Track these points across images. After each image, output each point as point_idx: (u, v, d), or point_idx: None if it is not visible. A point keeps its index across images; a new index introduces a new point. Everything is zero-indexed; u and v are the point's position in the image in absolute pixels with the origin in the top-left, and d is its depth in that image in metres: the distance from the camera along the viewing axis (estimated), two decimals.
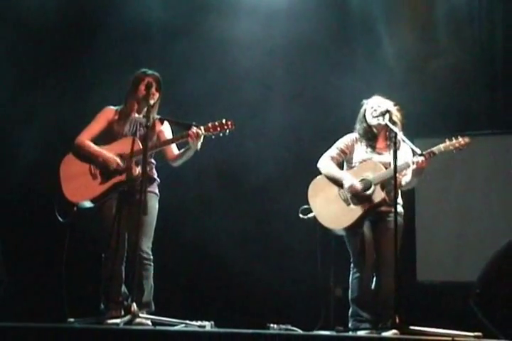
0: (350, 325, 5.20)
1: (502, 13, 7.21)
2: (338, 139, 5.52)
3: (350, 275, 5.31)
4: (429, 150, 5.07)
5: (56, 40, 7.53)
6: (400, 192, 5.32)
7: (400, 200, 5.33)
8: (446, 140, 5.11)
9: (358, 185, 5.22)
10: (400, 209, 5.29)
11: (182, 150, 5.26)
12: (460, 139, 5.09)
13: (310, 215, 5.41)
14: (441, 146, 5.10)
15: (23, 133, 7.19)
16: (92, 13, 7.65)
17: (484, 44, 7.24)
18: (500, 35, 7.21)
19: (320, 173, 5.46)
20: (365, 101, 5.48)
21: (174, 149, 5.31)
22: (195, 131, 5.01)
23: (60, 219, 5.04)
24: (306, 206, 5.42)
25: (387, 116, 5.22)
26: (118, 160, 5.08)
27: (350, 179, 5.26)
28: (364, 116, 5.42)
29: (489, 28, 7.24)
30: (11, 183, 7.15)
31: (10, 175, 7.18)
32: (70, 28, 7.56)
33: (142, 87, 5.18)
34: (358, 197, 5.23)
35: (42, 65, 7.48)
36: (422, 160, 5.03)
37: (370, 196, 5.19)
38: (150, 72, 5.28)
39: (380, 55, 7.23)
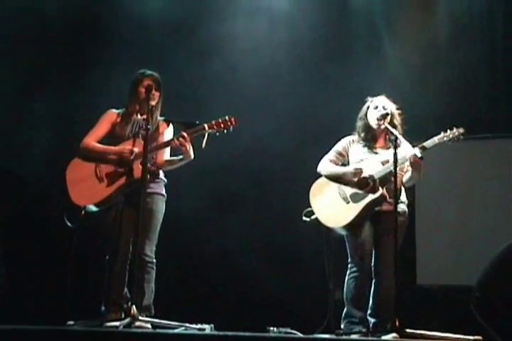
0: (342, 326, 5.19)
1: (503, 16, 7.22)
2: (337, 139, 5.54)
3: (347, 276, 5.29)
4: (420, 145, 5.09)
5: (60, 40, 7.55)
6: (403, 190, 5.33)
7: (404, 199, 5.33)
8: (442, 132, 5.12)
9: (361, 171, 5.22)
10: (403, 207, 5.29)
11: (174, 158, 5.27)
12: (454, 130, 5.10)
13: (313, 217, 5.40)
14: (436, 138, 5.11)
15: (29, 135, 7.20)
16: (94, 13, 7.67)
17: (485, 47, 7.25)
18: (500, 38, 7.22)
19: (320, 177, 5.46)
20: (369, 99, 5.47)
21: (166, 154, 5.29)
22: (181, 140, 5.01)
23: (68, 224, 5.03)
24: (309, 209, 5.43)
25: (388, 119, 5.24)
26: (131, 147, 5.07)
27: (351, 166, 5.29)
28: (366, 114, 5.43)
29: (490, 31, 7.24)
30: (15, 185, 7.16)
31: (15, 177, 7.18)
32: (73, 29, 7.58)
33: (141, 89, 5.19)
34: (357, 194, 5.23)
35: (45, 67, 7.48)
36: (412, 156, 5.04)
37: (367, 193, 5.20)
38: (148, 72, 5.27)
39: (381, 58, 7.23)
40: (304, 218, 5.44)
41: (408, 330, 4.45)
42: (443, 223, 7.05)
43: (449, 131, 5.11)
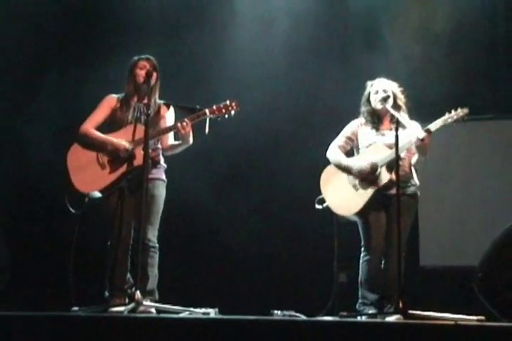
0: (357, 306, 5.25)
1: (504, 3, 7.20)
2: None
3: (361, 259, 5.33)
4: (425, 128, 5.09)
5: (60, 29, 7.55)
6: (414, 172, 5.33)
7: (415, 181, 5.33)
8: (446, 113, 5.12)
9: (367, 168, 5.23)
10: (414, 190, 5.30)
11: (175, 143, 5.28)
12: (459, 110, 5.10)
13: (325, 205, 5.41)
14: (440, 120, 5.11)
15: (28, 123, 7.21)
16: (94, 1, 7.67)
17: (486, 28, 7.22)
18: (501, 19, 7.19)
19: (329, 163, 5.48)
20: (369, 83, 5.47)
21: (170, 138, 5.32)
22: (183, 124, 5.02)
23: (71, 210, 5.04)
24: (321, 196, 5.44)
25: (389, 100, 5.23)
26: (126, 144, 5.08)
27: (358, 164, 5.28)
28: (368, 99, 5.43)
29: (490, 13, 7.21)
30: (18, 172, 7.18)
31: (17, 165, 7.20)
32: (73, 17, 7.59)
33: (138, 71, 5.21)
34: (366, 181, 5.24)
35: (46, 55, 7.49)
36: (423, 138, 5.04)
37: (376, 179, 5.20)
38: (143, 56, 5.29)
39: (380, 43, 7.19)
40: (317, 206, 5.44)
41: (411, 312, 4.47)
42: (445, 204, 7.07)
43: (453, 111, 5.11)
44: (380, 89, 5.36)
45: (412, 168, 5.34)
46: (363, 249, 5.33)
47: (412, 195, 5.28)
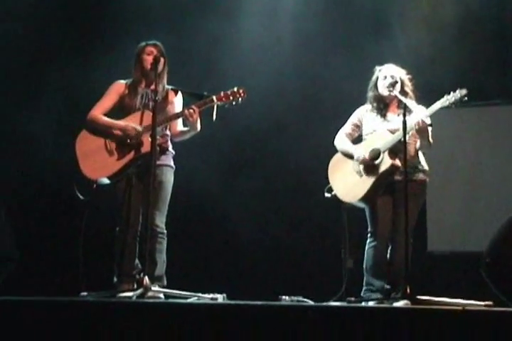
0: (362, 293, 5.25)
1: None
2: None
3: (367, 245, 5.33)
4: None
5: (63, 18, 7.53)
6: (422, 157, 5.32)
7: (423, 167, 5.31)
8: (445, 95, 5.09)
9: (367, 156, 5.23)
10: (420, 175, 5.28)
11: (184, 129, 5.28)
12: (457, 92, 5.06)
13: (333, 193, 5.43)
14: (439, 103, 5.08)
15: (34, 110, 7.21)
16: None
17: (494, 14, 7.18)
18: (510, 4, 7.14)
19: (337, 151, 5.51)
20: (377, 68, 5.46)
21: (179, 125, 5.31)
22: (191, 111, 5.01)
23: (80, 197, 5.05)
24: (330, 185, 5.46)
25: (397, 86, 5.22)
26: (135, 126, 5.08)
27: (359, 151, 5.29)
28: (376, 84, 5.42)
29: (499, 9, 7.17)
30: (25, 159, 7.19)
31: (25, 151, 7.21)
32: (77, 4, 7.56)
33: (145, 56, 5.20)
34: (369, 167, 5.24)
35: (49, 44, 7.48)
36: (419, 121, 5.03)
37: (379, 164, 5.20)
38: (150, 42, 5.28)
39: (387, 29, 7.15)
40: (326, 194, 5.46)
41: (419, 297, 4.47)
42: (453, 189, 7.06)
43: (451, 93, 5.08)
44: (389, 74, 5.35)
45: (420, 153, 5.33)
46: (369, 234, 5.34)
47: (419, 180, 5.27)
